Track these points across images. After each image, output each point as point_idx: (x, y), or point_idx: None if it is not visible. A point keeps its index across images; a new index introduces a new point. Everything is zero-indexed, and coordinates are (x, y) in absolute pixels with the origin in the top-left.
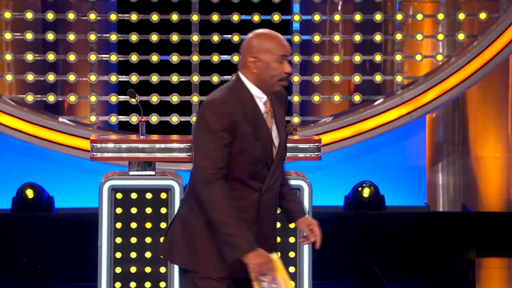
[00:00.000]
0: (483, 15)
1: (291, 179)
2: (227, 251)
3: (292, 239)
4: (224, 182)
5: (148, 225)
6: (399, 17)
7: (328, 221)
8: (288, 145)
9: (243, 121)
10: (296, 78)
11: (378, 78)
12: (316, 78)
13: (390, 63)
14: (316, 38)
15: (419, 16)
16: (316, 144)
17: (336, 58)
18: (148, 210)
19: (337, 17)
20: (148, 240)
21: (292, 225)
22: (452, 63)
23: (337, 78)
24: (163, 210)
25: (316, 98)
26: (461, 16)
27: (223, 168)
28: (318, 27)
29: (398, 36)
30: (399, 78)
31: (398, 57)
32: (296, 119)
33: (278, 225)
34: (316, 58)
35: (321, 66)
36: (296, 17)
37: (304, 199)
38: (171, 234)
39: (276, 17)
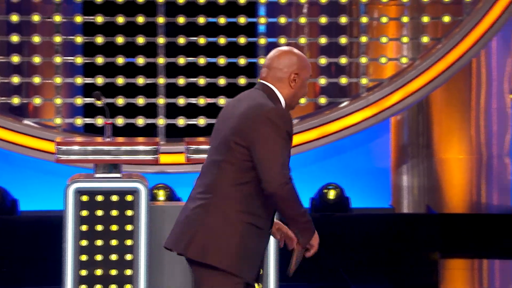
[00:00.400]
0: (446, 18)
1: None
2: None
3: None
4: None
5: (114, 227)
6: (364, 19)
7: None
8: None
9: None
10: None
11: (343, 80)
12: None
13: (355, 65)
14: (282, 40)
15: (384, 19)
16: None
17: None
18: (114, 213)
19: (302, 20)
20: (114, 242)
21: None
22: (417, 66)
23: None
24: (129, 213)
25: None
26: (425, 19)
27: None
28: (284, 30)
29: (363, 39)
30: (364, 81)
31: (363, 60)
32: None
33: None
34: None
35: None
36: (262, 20)
37: None
38: (200, 236)
39: (242, 20)
